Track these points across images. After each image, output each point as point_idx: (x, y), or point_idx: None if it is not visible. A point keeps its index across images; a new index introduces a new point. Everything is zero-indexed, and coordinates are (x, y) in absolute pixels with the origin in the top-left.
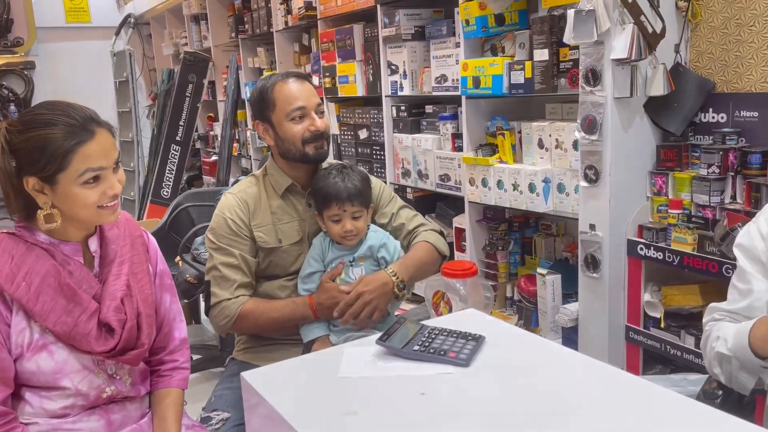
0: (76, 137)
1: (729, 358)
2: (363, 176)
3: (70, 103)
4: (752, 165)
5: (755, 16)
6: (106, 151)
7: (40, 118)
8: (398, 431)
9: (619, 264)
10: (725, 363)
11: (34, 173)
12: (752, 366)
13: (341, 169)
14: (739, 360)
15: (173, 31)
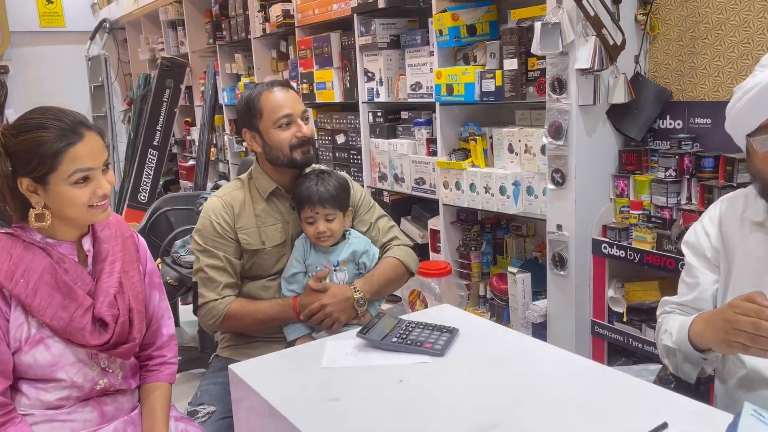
0: (66, 139)
1: (674, 350)
2: (341, 181)
3: (62, 108)
4: (705, 168)
5: (708, 29)
6: (95, 153)
7: (32, 122)
8: (378, 416)
9: (585, 262)
10: (671, 355)
11: (27, 174)
12: (693, 358)
13: (320, 173)
14: (682, 352)
15: (149, 36)
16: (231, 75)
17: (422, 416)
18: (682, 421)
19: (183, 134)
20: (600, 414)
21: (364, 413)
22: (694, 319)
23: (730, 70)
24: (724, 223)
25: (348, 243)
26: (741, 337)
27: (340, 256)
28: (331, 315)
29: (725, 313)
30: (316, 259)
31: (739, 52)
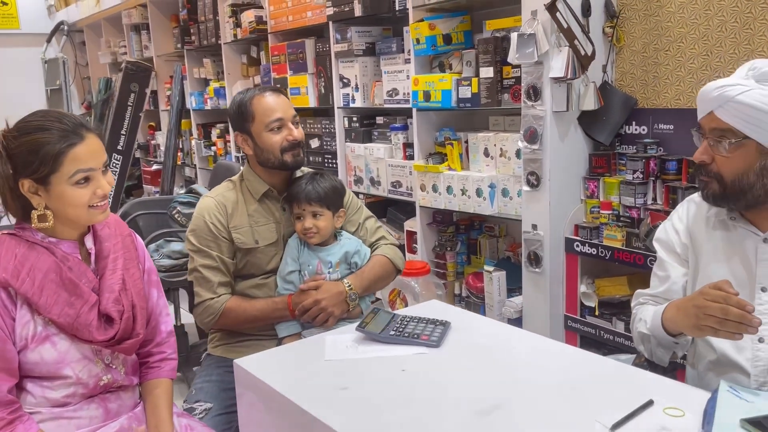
0: (67, 140)
1: (648, 336)
2: (333, 184)
3: (62, 111)
4: (669, 171)
5: (670, 41)
6: (95, 154)
7: (33, 124)
8: (387, 402)
9: (558, 260)
10: (646, 341)
11: (28, 175)
12: (666, 342)
13: (313, 175)
14: (656, 338)
15: (111, 39)
16: (199, 79)
17: (428, 401)
18: (666, 399)
19: (147, 139)
20: (591, 394)
21: (374, 400)
22: (667, 307)
23: (690, 80)
24: (692, 221)
25: (340, 244)
26: (711, 321)
27: (333, 257)
28: (326, 310)
29: (696, 300)
30: (308, 259)
31: (698, 63)
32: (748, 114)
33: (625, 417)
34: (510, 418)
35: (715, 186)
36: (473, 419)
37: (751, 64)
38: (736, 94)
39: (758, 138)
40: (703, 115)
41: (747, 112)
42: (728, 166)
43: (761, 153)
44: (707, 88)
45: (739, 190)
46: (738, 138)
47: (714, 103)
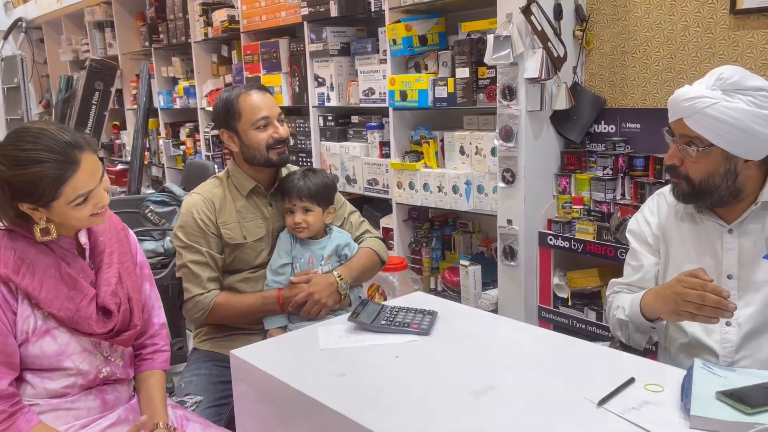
0: (65, 170)
1: (626, 323)
2: (324, 180)
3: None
4: (637, 167)
5: (636, 45)
6: (94, 174)
7: (27, 155)
8: (385, 386)
9: (532, 253)
10: (624, 327)
11: (28, 202)
12: (643, 327)
13: (305, 171)
14: (634, 323)
15: (72, 37)
16: (167, 78)
17: (425, 384)
18: (645, 376)
19: (111, 138)
20: (577, 374)
21: (372, 384)
22: (644, 294)
23: (655, 81)
24: (662, 213)
25: (331, 238)
26: (689, 307)
27: (324, 251)
28: (319, 301)
29: (674, 287)
30: (300, 252)
31: (663, 66)
32: (714, 125)
33: (609, 393)
34: (504, 397)
35: (684, 186)
36: (469, 400)
37: (719, 72)
38: (703, 107)
39: (723, 146)
40: (674, 119)
41: (714, 124)
42: (696, 170)
43: (726, 158)
44: (678, 96)
45: (706, 190)
46: (705, 145)
47: (684, 112)
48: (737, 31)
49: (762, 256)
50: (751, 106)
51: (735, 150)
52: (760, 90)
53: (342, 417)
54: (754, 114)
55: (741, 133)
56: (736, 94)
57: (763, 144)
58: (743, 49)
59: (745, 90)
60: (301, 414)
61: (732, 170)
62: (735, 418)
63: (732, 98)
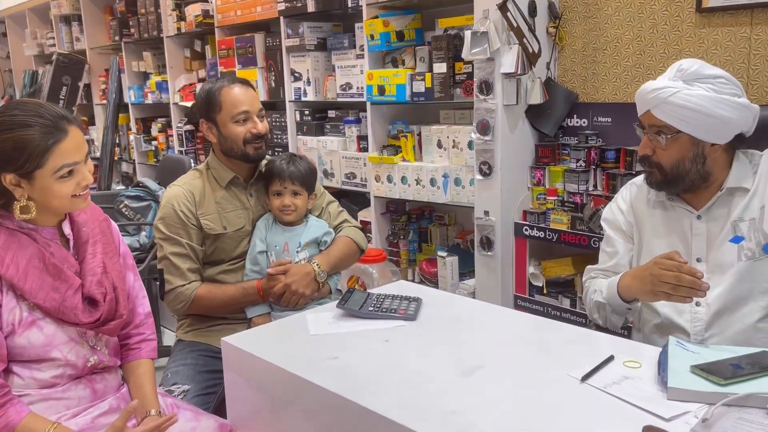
0: (52, 137)
1: (604, 305)
2: (309, 166)
3: (38, 102)
4: (609, 160)
5: (607, 41)
6: (79, 147)
7: (15, 119)
8: (378, 368)
9: (508, 243)
10: (601, 309)
11: (12, 170)
12: (620, 309)
13: (291, 156)
14: (611, 305)
15: (37, 31)
16: (138, 73)
17: (416, 366)
18: (623, 354)
19: None
20: (559, 353)
21: (365, 367)
22: (621, 276)
23: (626, 77)
24: (635, 201)
25: (307, 226)
26: (665, 288)
27: (300, 238)
28: (296, 292)
29: (651, 269)
30: (275, 239)
31: (633, 62)
32: (679, 113)
33: (591, 370)
34: (492, 376)
35: (657, 175)
36: (459, 379)
37: (678, 65)
38: (667, 95)
39: (690, 131)
40: (642, 112)
41: (678, 111)
42: (666, 157)
43: (693, 143)
44: (643, 89)
45: (678, 175)
46: (672, 133)
47: (650, 104)
48: (703, 28)
49: (728, 239)
50: (710, 92)
51: (700, 134)
52: (718, 78)
53: (339, 397)
54: (714, 99)
55: (704, 118)
56: (696, 83)
57: (725, 127)
58: (708, 45)
59: (705, 78)
60: (296, 398)
61: (700, 154)
62: (709, 389)
63: (692, 87)
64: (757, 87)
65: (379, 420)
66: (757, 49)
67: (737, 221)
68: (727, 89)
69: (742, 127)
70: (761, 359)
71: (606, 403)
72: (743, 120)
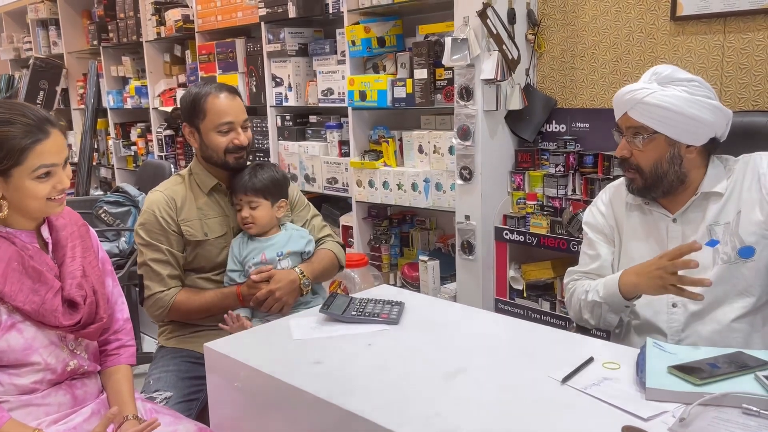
0: (33, 136)
1: (600, 304)
2: (271, 174)
3: (24, 103)
4: (587, 164)
5: (585, 48)
6: (59, 150)
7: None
8: (361, 372)
9: (489, 247)
10: (596, 309)
11: None
12: (618, 307)
13: (254, 167)
14: (609, 305)
15: (13, 35)
16: (117, 78)
17: (398, 369)
18: (602, 356)
19: None
20: (540, 355)
21: (347, 370)
22: (621, 275)
23: (603, 83)
24: (614, 205)
25: (288, 234)
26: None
27: (282, 247)
28: (280, 299)
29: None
30: (251, 252)
31: (610, 68)
32: (654, 112)
33: (572, 372)
34: (474, 378)
35: (638, 181)
36: (441, 381)
37: (653, 70)
38: (643, 96)
39: (665, 132)
40: (620, 116)
41: (654, 111)
42: (644, 158)
43: (669, 144)
44: (620, 93)
45: (657, 178)
46: (649, 133)
47: (627, 106)
48: (677, 36)
49: (704, 243)
50: (684, 93)
51: (676, 134)
52: (691, 81)
53: (322, 401)
54: (688, 99)
55: (679, 117)
56: (670, 85)
57: (700, 128)
58: (683, 53)
59: (678, 81)
60: (279, 402)
61: (677, 155)
62: (686, 388)
63: (667, 88)
64: (729, 94)
65: (362, 423)
66: (729, 56)
67: (712, 225)
68: (700, 91)
69: (716, 130)
70: (736, 359)
71: (586, 403)
72: (717, 123)
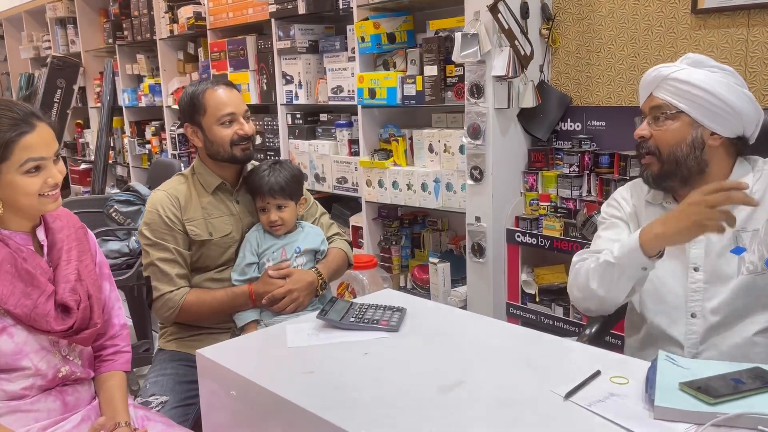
0: (18, 129)
1: (613, 265)
2: (293, 172)
3: (13, 100)
4: (603, 164)
5: (602, 44)
6: (47, 142)
7: None
8: (354, 383)
9: (500, 250)
10: (607, 272)
11: None
12: (633, 269)
13: (272, 164)
14: (623, 266)
15: (33, 33)
16: (132, 76)
17: (393, 380)
18: (611, 369)
19: (74, 137)
20: (544, 368)
21: (341, 382)
22: (642, 229)
23: (620, 80)
24: (634, 199)
25: (304, 232)
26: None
27: (298, 243)
28: (297, 299)
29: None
30: (271, 247)
31: (627, 64)
32: (681, 89)
33: (576, 386)
34: (472, 392)
35: (654, 165)
36: (437, 395)
37: (685, 56)
38: (669, 72)
39: (690, 112)
40: (644, 99)
41: (680, 87)
42: (664, 139)
43: (693, 126)
44: (647, 73)
45: (675, 162)
46: (672, 111)
47: (652, 85)
48: (698, 30)
49: (729, 249)
50: (716, 75)
51: (702, 115)
52: (724, 69)
53: (310, 414)
54: (720, 81)
55: (708, 96)
56: (702, 68)
57: (729, 115)
58: (704, 47)
59: (711, 67)
60: (269, 412)
61: (699, 139)
62: (698, 408)
63: (698, 70)
64: (754, 90)
65: None
66: (754, 51)
67: (740, 231)
68: (733, 79)
69: (745, 125)
70: (755, 375)
71: (589, 422)
72: (747, 115)
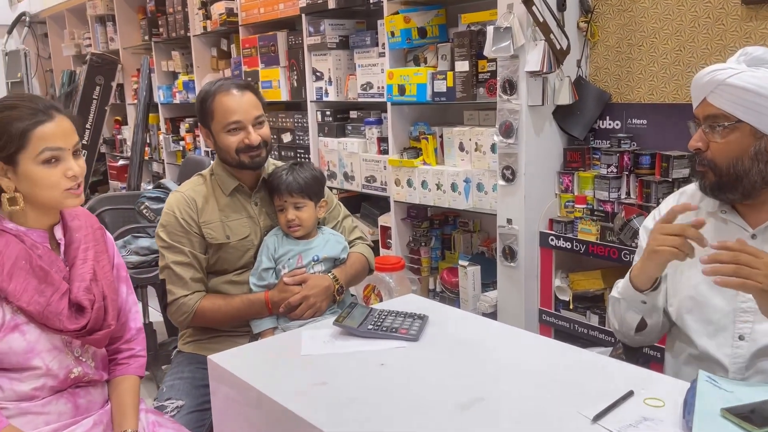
0: (35, 118)
1: (618, 300)
2: (313, 173)
3: (36, 95)
4: (643, 165)
5: (644, 37)
6: (65, 133)
7: (4, 103)
8: (367, 396)
9: (533, 254)
10: (616, 306)
11: None
12: (635, 304)
13: (293, 165)
14: (626, 299)
15: (74, 31)
16: (167, 73)
17: (409, 395)
18: (645, 389)
19: (113, 133)
20: (572, 386)
21: (353, 395)
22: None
23: (663, 75)
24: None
25: (325, 239)
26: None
27: (318, 251)
28: (314, 305)
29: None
30: (288, 252)
31: (671, 59)
32: (740, 96)
33: (606, 408)
34: (492, 411)
35: (711, 176)
36: (455, 413)
37: (742, 50)
38: (726, 77)
39: (751, 121)
40: (697, 104)
41: (738, 95)
42: (722, 153)
43: (755, 137)
44: (698, 75)
45: (735, 177)
46: (731, 122)
47: (706, 89)
48: (749, 21)
49: None
50: None
51: (765, 124)
52: None
53: (316, 430)
54: None
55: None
56: (762, 66)
57: None
58: (756, 40)
59: None
60: (278, 424)
61: (762, 151)
62: None
63: (758, 70)
64: None
65: None
66: None
67: None
68: None
69: None
70: None
71: None
72: None
